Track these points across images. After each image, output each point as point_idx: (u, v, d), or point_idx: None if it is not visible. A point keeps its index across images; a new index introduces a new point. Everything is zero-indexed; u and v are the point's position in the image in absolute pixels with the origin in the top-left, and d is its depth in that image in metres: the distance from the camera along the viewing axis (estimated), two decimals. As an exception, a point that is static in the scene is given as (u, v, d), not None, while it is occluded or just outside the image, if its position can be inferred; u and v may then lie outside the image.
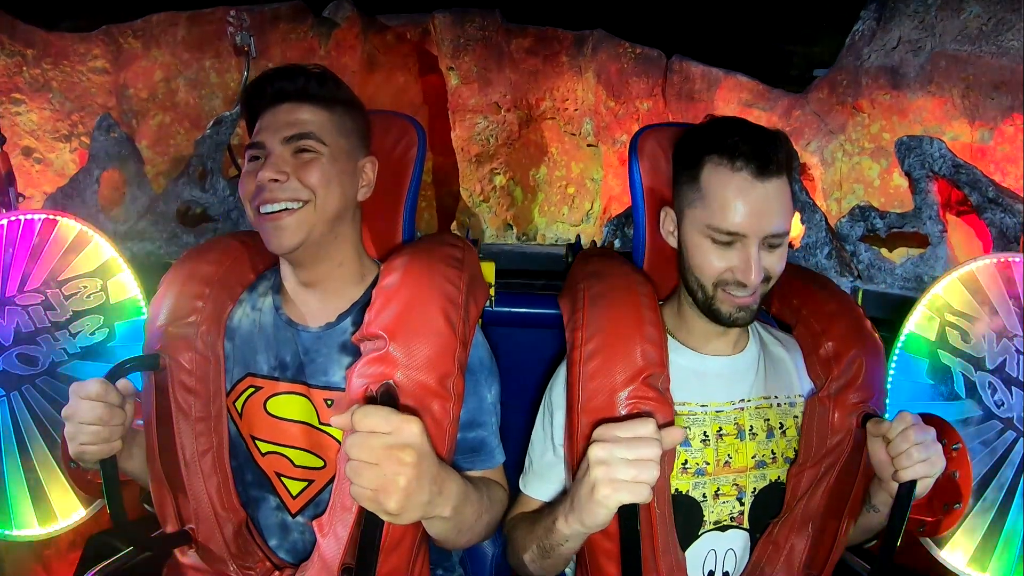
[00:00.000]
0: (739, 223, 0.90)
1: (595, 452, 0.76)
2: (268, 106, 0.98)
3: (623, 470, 0.74)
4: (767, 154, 0.90)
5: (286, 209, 0.93)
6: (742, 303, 0.94)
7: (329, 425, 0.96)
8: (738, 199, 0.90)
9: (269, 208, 0.93)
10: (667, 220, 1.02)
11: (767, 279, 0.94)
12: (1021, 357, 1.29)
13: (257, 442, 1.00)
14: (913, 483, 0.88)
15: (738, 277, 0.92)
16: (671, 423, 0.89)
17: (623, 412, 0.88)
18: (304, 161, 0.95)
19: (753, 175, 0.90)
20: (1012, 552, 1.26)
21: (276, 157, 0.94)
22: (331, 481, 0.96)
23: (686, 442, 0.98)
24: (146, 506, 1.18)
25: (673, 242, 1.02)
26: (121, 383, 0.92)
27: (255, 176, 0.94)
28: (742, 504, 1.00)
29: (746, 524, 1.01)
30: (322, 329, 1.00)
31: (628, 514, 0.78)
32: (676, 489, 0.96)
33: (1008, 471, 1.28)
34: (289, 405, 0.99)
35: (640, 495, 0.75)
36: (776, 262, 0.94)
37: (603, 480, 0.75)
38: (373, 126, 1.08)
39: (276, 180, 0.93)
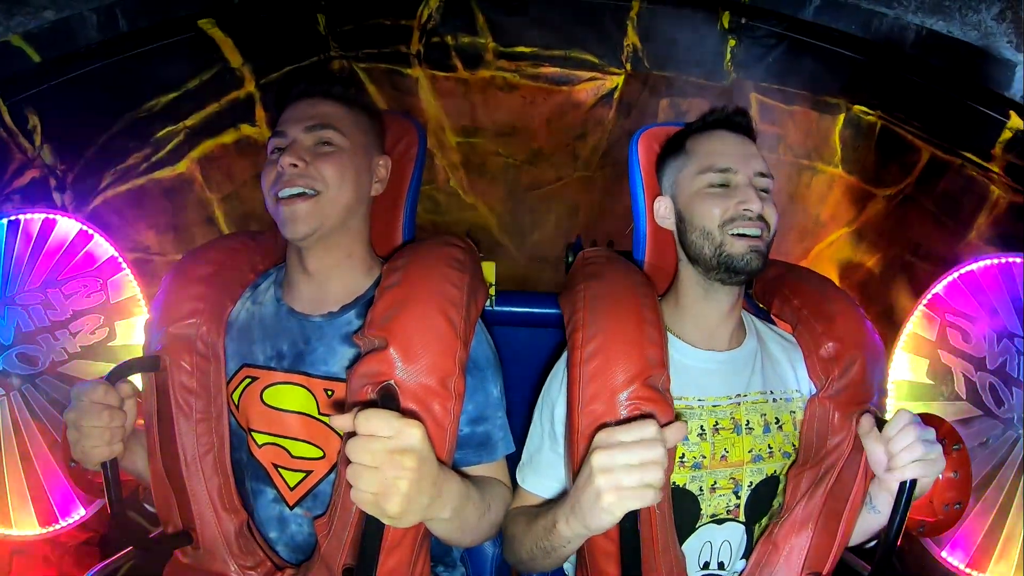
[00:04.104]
0: (728, 160, 1.01)
1: (598, 459, 0.75)
2: (293, 101, 1.03)
3: (628, 476, 0.74)
4: (738, 119, 1.05)
5: (302, 194, 0.96)
6: (752, 243, 0.97)
7: (329, 416, 0.96)
8: (723, 144, 1.03)
9: (286, 192, 0.97)
10: (660, 206, 1.09)
11: (767, 225, 0.99)
12: (1021, 357, 1.29)
13: (254, 434, 1.00)
14: (913, 483, 0.88)
15: (740, 207, 0.98)
16: (672, 424, 0.89)
17: (624, 413, 0.88)
18: (323, 153, 0.99)
19: (730, 131, 1.04)
20: (1012, 552, 1.26)
21: (297, 145, 0.99)
22: (329, 472, 0.97)
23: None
24: (147, 506, 1.18)
25: (669, 224, 1.08)
26: (121, 385, 0.93)
27: (276, 164, 0.98)
28: (738, 497, 1.00)
29: (742, 517, 1.01)
30: (324, 318, 1.01)
31: (628, 515, 0.77)
32: (674, 483, 0.97)
33: (1008, 471, 1.28)
34: (286, 395, 0.99)
35: (647, 499, 0.74)
36: (771, 211, 1.00)
37: (608, 488, 0.74)
38: None
39: (295, 165, 0.97)
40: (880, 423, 0.94)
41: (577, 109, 1.96)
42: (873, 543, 1.08)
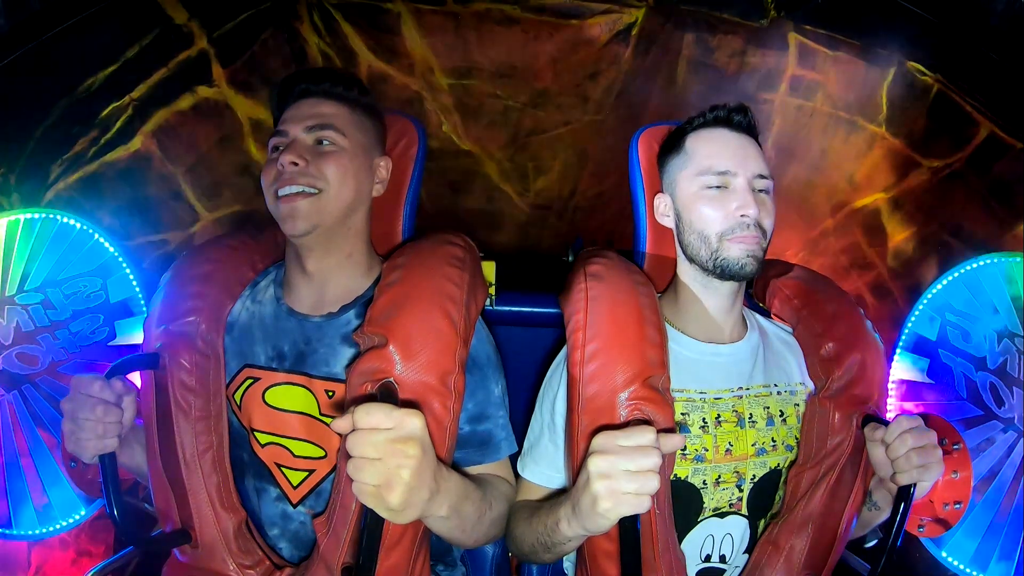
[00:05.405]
0: (727, 163, 1.00)
1: (596, 464, 0.76)
2: (294, 100, 1.03)
3: (625, 483, 0.74)
4: (739, 116, 1.04)
5: (302, 192, 0.96)
6: (748, 246, 0.97)
7: (330, 416, 0.96)
8: (722, 145, 1.02)
9: (286, 190, 0.97)
10: (660, 203, 1.09)
11: (763, 232, 0.99)
12: (1021, 357, 1.29)
13: (256, 433, 1.00)
14: (913, 486, 0.89)
15: (738, 213, 0.97)
16: (671, 424, 0.90)
17: (624, 413, 0.89)
18: (324, 152, 0.99)
19: (730, 130, 1.03)
20: (1012, 552, 1.25)
21: (298, 144, 0.99)
22: (332, 471, 0.97)
23: (684, 428, 0.98)
24: (146, 505, 1.18)
25: (668, 222, 1.08)
26: (115, 381, 0.93)
27: (276, 163, 0.98)
28: (741, 491, 1.00)
29: (744, 511, 1.01)
30: (323, 319, 1.01)
31: (628, 517, 0.78)
32: (676, 476, 0.97)
33: (1008, 471, 1.28)
34: (288, 396, 0.99)
35: (641, 507, 0.75)
36: (767, 214, 1.00)
37: (605, 494, 0.75)
38: None
39: (295, 164, 0.97)
40: (882, 424, 0.94)
41: (588, 46, 1.71)
42: (873, 543, 1.08)
